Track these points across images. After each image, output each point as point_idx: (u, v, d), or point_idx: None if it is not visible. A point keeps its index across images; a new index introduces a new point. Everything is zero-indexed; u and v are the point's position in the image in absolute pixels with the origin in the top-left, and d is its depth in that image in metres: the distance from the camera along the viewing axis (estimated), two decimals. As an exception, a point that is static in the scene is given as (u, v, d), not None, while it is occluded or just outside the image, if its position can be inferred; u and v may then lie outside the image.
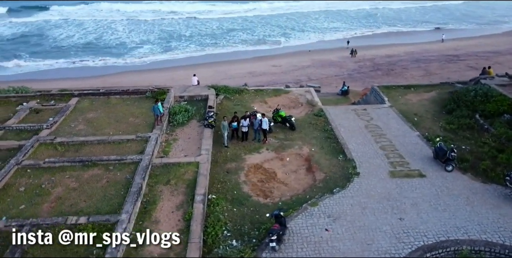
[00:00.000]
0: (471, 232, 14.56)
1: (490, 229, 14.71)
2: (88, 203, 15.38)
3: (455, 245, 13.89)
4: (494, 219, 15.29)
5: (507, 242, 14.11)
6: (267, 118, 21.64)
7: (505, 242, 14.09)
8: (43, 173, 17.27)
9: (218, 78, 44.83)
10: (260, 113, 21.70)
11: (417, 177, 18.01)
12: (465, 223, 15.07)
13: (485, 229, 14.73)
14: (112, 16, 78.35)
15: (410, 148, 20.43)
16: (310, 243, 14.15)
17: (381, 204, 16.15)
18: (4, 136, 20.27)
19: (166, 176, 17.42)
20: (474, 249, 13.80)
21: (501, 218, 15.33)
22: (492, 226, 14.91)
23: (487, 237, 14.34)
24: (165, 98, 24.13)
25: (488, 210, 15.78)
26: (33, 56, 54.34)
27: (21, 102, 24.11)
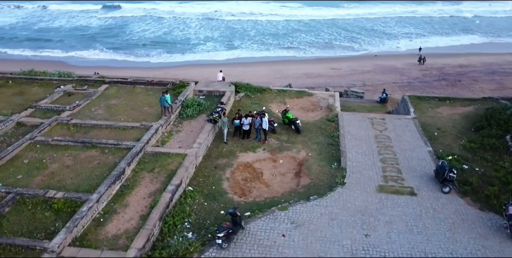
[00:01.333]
0: (437, 261, 13.34)
1: (462, 261, 13.34)
2: (73, 181, 16.73)
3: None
4: (472, 250, 13.78)
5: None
6: (267, 118, 21.62)
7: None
8: (49, 149, 19.10)
9: (272, 77, 45.45)
10: (261, 113, 21.70)
11: (406, 194, 16.78)
12: (436, 249, 13.79)
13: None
14: (188, 13, 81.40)
15: (414, 164, 19.03)
16: (261, 246, 13.99)
17: (353, 218, 15.36)
18: (33, 114, 22.66)
19: (153, 164, 18.25)
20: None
21: (482, 250, 13.77)
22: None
23: (454, 270, 13.04)
24: (181, 91, 25.10)
25: (470, 240, 14.26)
26: (108, 46, 59.58)
27: (59, 85, 26.69)
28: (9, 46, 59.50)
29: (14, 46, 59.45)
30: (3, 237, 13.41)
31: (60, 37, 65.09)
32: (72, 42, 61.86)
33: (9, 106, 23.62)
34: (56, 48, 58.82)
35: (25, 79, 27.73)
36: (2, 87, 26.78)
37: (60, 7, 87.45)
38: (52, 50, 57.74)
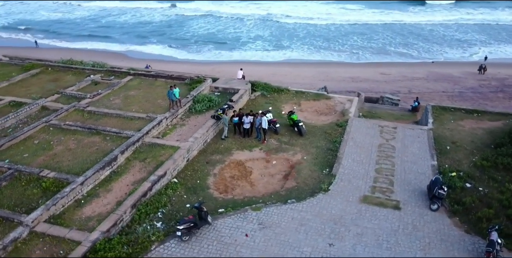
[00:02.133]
0: (398, 280, 12.60)
1: (425, 283, 12.49)
2: (69, 163, 17.98)
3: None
4: (438, 273, 12.85)
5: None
6: (271, 119, 21.59)
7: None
8: (59, 132, 20.65)
9: (316, 78, 45.08)
10: (265, 112, 21.69)
11: (389, 207, 15.96)
12: (399, 268, 13.04)
13: (419, 281, 12.56)
14: (243, 14, 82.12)
15: (410, 177, 18.01)
16: (220, 243, 14.12)
17: (323, 226, 14.94)
18: (57, 99, 24.53)
19: (146, 154, 19.04)
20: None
21: (449, 275, 12.79)
22: (430, 280, 12.59)
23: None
24: (196, 86, 25.77)
25: (442, 262, 13.29)
26: (163, 41, 62.52)
27: (89, 75, 28.59)
28: (75, 38, 64.62)
29: (80, 38, 64.36)
30: (-10, 207, 14.87)
31: (123, 31, 69.44)
32: (132, 36, 65.65)
33: (41, 91, 25.79)
34: (117, 41, 62.79)
35: (62, 67, 30.05)
36: (41, 74, 29.25)
37: (132, 4, 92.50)
38: (113, 43, 61.74)
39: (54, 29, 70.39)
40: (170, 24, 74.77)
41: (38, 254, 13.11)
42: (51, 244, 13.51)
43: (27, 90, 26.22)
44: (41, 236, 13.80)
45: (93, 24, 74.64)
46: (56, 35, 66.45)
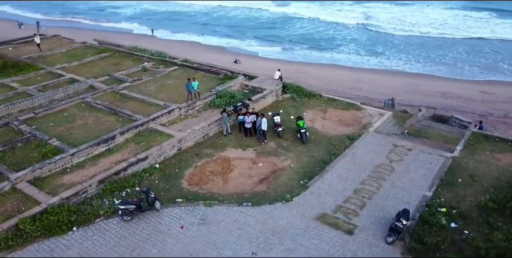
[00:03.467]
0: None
1: None
2: (78, 136, 20.40)
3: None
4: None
5: None
6: (278, 122, 21.43)
7: None
8: (87, 109, 23.43)
9: (401, 89, 42.68)
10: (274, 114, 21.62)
11: (341, 230, 14.77)
12: (306, 293, 12.16)
13: None
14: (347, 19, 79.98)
15: (388, 204, 16.30)
16: (155, 229, 14.77)
17: (260, 234, 14.54)
18: (105, 81, 27.64)
19: (144, 138, 20.55)
20: None
21: None
22: None
23: None
24: (225, 82, 26.57)
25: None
26: (261, 37, 64.78)
27: (144, 62, 31.44)
28: (184, 29, 70.64)
29: (187, 30, 70.18)
30: (-3, 162, 17.86)
31: (229, 24, 73.80)
32: (235, 31, 69.20)
33: (99, 72, 29.31)
34: (219, 35, 66.91)
35: (126, 53, 33.57)
36: (108, 57, 33.12)
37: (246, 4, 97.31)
38: (213, 36, 66.00)
39: (168, 21, 77.92)
40: (275, 22, 76.44)
41: (8, 206, 15.40)
42: (20, 200, 15.74)
43: (90, 70, 30.03)
44: (18, 192, 16.15)
45: (204, 18, 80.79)
46: (168, 27, 72.94)
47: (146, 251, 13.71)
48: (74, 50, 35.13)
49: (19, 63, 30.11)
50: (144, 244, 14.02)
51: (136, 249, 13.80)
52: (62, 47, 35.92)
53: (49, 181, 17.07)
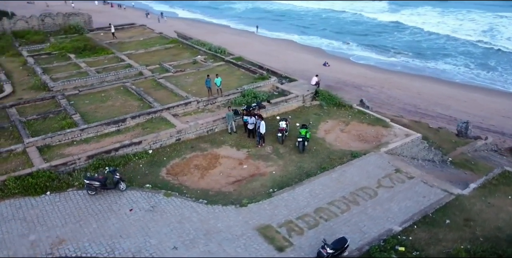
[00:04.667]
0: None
1: None
2: (99, 115, 22.87)
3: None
4: None
5: None
6: (282, 127, 21.14)
7: None
8: (122, 92, 25.96)
9: (502, 113, 38.97)
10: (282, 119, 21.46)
11: (272, 245, 14.09)
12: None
13: None
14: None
15: (343, 229, 14.98)
16: (108, 207, 15.96)
17: (194, 231, 14.70)
18: (154, 69, 30.06)
19: (152, 124, 22.07)
20: None
21: None
22: None
23: None
24: (255, 82, 26.77)
25: None
26: (362, 43, 63.48)
27: (198, 55, 33.27)
28: (287, 28, 72.31)
29: (289, 29, 71.98)
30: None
31: (334, 27, 73.54)
32: (336, 33, 69.01)
33: (156, 61, 31.99)
34: (319, 36, 67.38)
35: (189, 45, 35.85)
36: (172, 48, 35.85)
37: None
38: (315, 37, 66.88)
39: (274, 19, 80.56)
40: (382, 29, 73.62)
41: (11, 165, 18.23)
42: (22, 161, 18.47)
43: (150, 58, 32.98)
44: (25, 154, 18.96)
45: (311, 18, 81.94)
46: (273, 25, 75.34)
47: (88, 224, 15.03)
48: (149, 39, 38.77)
49: (97, 47, 34.47)
50: (90, 218, 15.37)
51: (81, 221, 15.22)
52: (141, 36, 39.93)
53: (54, 150, 19.61)
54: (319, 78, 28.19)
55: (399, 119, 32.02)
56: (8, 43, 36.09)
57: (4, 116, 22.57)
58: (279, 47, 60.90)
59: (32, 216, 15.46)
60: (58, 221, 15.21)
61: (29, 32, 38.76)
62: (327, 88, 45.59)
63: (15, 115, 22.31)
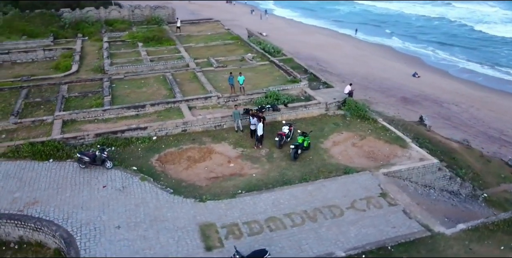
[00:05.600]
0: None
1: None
2: (129, 99, 25.12)
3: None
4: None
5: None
6: (284, 131, 21.08)
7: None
8: (159, 81, 28.03)
9: None
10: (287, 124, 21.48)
11: (204, 243, 14.36)
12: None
13: None
14: None
15: (283, 243, 14.47)
16: (87, 181, 17.68)
17: (142, 215, 15.64)
18: (200, 63, 31.61)
19: (167, 113, 23.50)
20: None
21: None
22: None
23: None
24: (284, 84, 26.60)
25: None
26: (467, 55, 58.38)
27: (248, 53, 33.98)
28: (389, 33, 70.06)
29: (393, 34, 69.33)
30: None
31: (443, 36, 68.63)
32: (443, 44, 64.20)
33: (208, 55, 33.57)
34: (423, 44, 63.57)
35: (246, 43, 36.79)
36: (230, 45, 37.21)
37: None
38: (418, 45, 63.17)
39: (378, 22, 77.85)
40: (505, 44, 65.95)
41: (37, 132, 21.27)
42: (46, 130, 21.40)
43: (204, 52, 34.77)
44: (50, 125, 21.91)
45: (419, 23, 77.57)
46: (375, 29, 73.06)
47: (63, 192, 16.95)
48: (215, 35, 40.68)
49: (163, 38, 37.45)
50: (68, 187, 17.30)
51: (60, 188, 17.24)
52: (210, 31, 42.08)
53: (75, 125, 22.26)
54: (352, 87, 26.69)
55: (446, 142, 28.90)
56: (97, 29, 41.22)
57: (55, 91, 26.22)
58: (372, 52, 58.70)
59: (27, 177, 18.00)
60: (43, 185, 17.47)
61: (117, 21, 43.68)
62: (400, 100, 43.38)
63: (63, 92, 25.79)
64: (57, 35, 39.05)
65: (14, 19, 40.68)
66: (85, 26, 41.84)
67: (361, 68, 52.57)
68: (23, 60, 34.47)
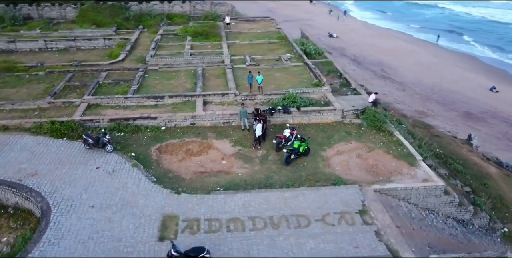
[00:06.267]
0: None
1: None
2: (154, 89, 26.51)
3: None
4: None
5: None
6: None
7: None
8: (188, 75, 29.08)
9: None
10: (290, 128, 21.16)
11: (160, 233, 14.86)
12: None
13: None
14: None
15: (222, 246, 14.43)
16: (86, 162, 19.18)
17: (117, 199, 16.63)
18: (237, 60, 31.99)
19: (182, 106, 24.37)
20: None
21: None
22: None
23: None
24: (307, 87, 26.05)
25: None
26: None
27: (287, 53, 33.67)
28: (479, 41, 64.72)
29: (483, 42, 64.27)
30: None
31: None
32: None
33: (247, 52, 33.90)
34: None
35: (290, 43, 36.44)
36: (274, 44, 37.08)
37: None
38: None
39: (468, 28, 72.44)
40: None
41: (63, 112, 23.44)
42: (71, 112, 23.45)
43: (246, 49, 35.21)
44: (77, 107, 23.97)
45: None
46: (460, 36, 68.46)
47: (61, 169, 18.59)
48: (264, 33, 40.83)
49: (211, 33, 38.61)
50: (67, 165, 18.92)
51: (60, 165, 18.94)
52: (261, 29, 42.33)
53: (98, 109, 24.10)
54: (377, 96, 25.15)
55: (484, 165, 26.11)
56: (157, 22, 43.80)
57: (94, 77, 28.57)
58: (449, 61, 54.97)
59: (38, 151, 20.04)
60: (48, 160, 19.32)
61: (177, 15, 46.00)
62: (462, 115, 40.53)
63: (100, 78, 28.03)
64: (120, 26, 42.30)
65: (88, 10, 44.87)
66: (147, 18, 44.71)
67: (429, 77, 49.24)
68: (86, 47, 37.87)
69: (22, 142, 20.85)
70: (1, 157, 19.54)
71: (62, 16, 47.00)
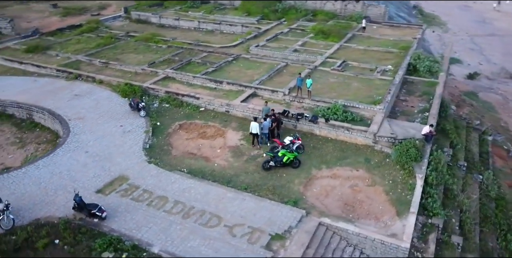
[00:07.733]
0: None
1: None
2: (228, 74, 28.45)
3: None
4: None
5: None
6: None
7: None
8: (268, 67, 29.75)
9: None
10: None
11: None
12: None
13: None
14: None
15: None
16: (123, 119, 23.15)
17: (105, 150, 19.84)
18: (328, 62, 30.71)
19: (232, 94, 25.65)
20: None
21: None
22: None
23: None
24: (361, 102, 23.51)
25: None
26: None
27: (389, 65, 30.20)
28: None
29: None
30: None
31: None
32: None
33: (353, 58, 32.15)
34: None
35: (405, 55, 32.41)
36: (391, 54, 33.42)
37: None
38: None
39: None
40: None
41: (143, 79, 28.06)
42: (150, 79, 27.89)
43: (354, 55, 32.81)
44: (155, 76, 28.25)
45: None
46: None
47: (100, 119, 23.04)
48: (394, 41, 36.79)
49: (332, 33, 37.45)
50: (106, 118, 23.23)
51: (101, 116, 23.38)
52: (396, 36, 38.25)
53: (170, 81, 27.73)
54: (433, 129, 20.48)
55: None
56: (299, 17, 44.94)
57: (195, 55, 32.46)
58: None
59: (101, 104, 24.98)
60: (99, 111, 24.07)
61: (323, 12, 46.03)
62: None
63: (196, 57, 31.83)
64: (265, 17, 45.37)
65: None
66: (293, 12, 46.29)
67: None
68: (227, 31, 42.48)
69: (99, 94, 26.33)
70: (77, 100, 25.34)
71: (231, 3, 53.23)
